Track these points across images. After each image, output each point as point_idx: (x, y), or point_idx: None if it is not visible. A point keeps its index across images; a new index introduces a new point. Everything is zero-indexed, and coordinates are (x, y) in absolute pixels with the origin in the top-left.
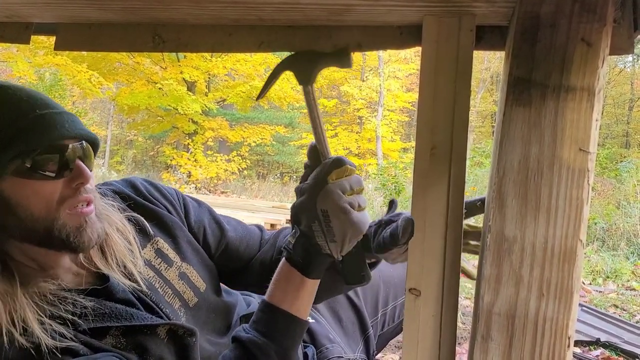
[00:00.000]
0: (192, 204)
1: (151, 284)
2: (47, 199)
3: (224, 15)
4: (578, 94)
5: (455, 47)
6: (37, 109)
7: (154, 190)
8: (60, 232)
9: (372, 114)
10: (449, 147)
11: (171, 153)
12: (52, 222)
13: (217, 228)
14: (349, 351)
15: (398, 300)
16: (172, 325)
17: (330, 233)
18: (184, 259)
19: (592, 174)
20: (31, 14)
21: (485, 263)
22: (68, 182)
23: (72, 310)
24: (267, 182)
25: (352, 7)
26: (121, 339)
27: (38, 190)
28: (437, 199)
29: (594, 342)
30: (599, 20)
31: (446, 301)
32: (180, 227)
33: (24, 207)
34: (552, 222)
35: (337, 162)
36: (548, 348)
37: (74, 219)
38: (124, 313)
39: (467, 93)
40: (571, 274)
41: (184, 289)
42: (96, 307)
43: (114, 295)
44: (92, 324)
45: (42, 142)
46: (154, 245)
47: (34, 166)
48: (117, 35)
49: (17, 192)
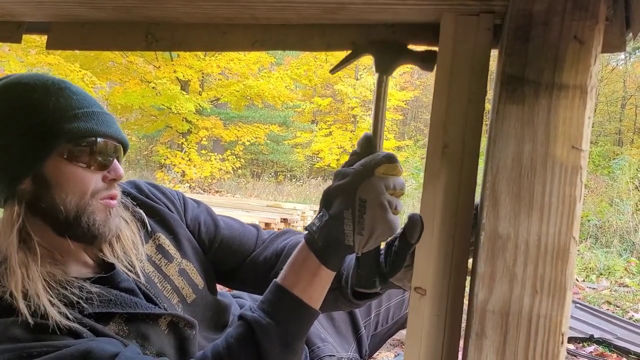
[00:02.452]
0: (191, 203)
1: (150, 278)
2: (83, 186)
3: (218, 14)
4: (571, 92)
5: (473, 46)
6: (93, 106)
7: (155, 191)
8: (87, 220)
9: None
10: (461, 147)
11: (165, 152)
12: (84, 209)
13: (212, 224)
14: (341, 350)
15: (392, 301)
16: (173, 316)
17: (360, 224)
18: (184, 256)
19: (584, 171)
20: (23, 12)
21: (479, 261)
22: (104, 176)
23: (78, 293)
24: (262, 181)
25: (346, 6)
26: (124, 327)
27: (78, 176)
28: (447, 197)
29: (587, 339)
30: (591, 18)
31: (451, 301)
32: (180, 225)
33: (61, 189)
34: (546, 220)
35: (389, 157)
36: (542, 345)
37: (101, 210)
38: (129, 301)
39: (482, 93)
40: (564, 271)
41: (183, 285)
42: (101, 294)
43: (118, 284)
44: (97, 308)
45: (94, 134)
46: (156, 241)
47: (81, 154)
48: (110, 34)
49: (59, 173)
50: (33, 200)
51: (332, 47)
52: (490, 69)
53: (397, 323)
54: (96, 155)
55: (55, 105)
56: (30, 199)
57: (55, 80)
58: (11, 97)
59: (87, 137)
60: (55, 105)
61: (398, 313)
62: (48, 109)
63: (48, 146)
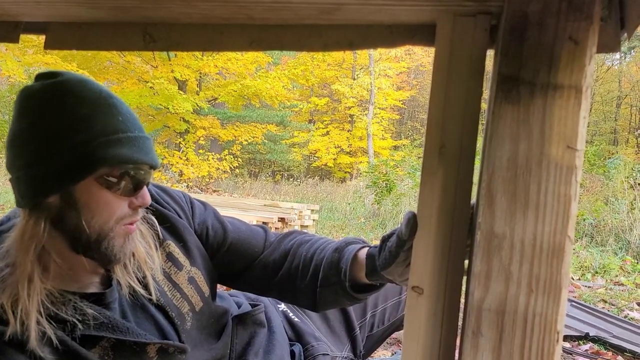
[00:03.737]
0: (199, 206)
1: (161, 287)
2: (111, 211)
3: (215, 14)
4: (566, 92)
5: (470, 47)
6: (135, 130)
7: (165, 195)
8: (107, 244)
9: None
10: (458, 146)
11: (163, 152)
12: (106, 234)
13: (220, 228)
14: (335, 350)
15: (388, 303)
16: (163, 344)
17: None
18: (193, 264)
19: (580, 170)
20: (20, 12)
21: (475, 260)
22: (131, 202)
23: (72, 313)
24: (259, 181)
25: (342, 6)
26: (109, 352)
27: (108, 202)
28: (444, 197)
29: (583, 337)
30: (586, 18)
31: (448, 300)
32: (190, 232)
33: (89, 212)
34: (541, 219)
35: None
36: (537, 343)
37: (121, 235)
38: (121, 326)
39: (479, 93)
40: (560, 269)
41: (192, 293)
42: (96, 315)
43: (109, 304)
44: (87, 331)
45: (132, 162)
46: (165, 249)
47: (116, 181)
48: (108, 34)
49: (90, 196)
50: (58, 216)
51: (329, 48)
52: (486, 69)
53: (394, 325)
54: (128, 182)
55: (102, 126)
56: (55, 215)
57: (104, 92)
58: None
59: (126, 164)
60: (102, 126)
61: (394, 314)
62: (94, 130)
63: (86, 170)
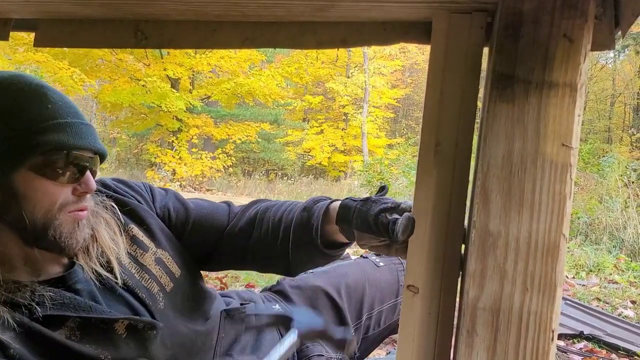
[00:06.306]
0: (160, 192)
1: (128, 269)
2: (52, 199)
3: (208, 11)
4: (560, 90)
5: (465, 44)
6: (69, 116)
7: (122, 185)
8: (54, 232)
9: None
10: (453, 145)
11: (155, 151)
12: (50, 222)
13: (182, 208)
14: (330, 350)
15: (384, 305)
16: (131, 319)
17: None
18: (158, 246)
19: (574, 169)
20: (10, 9)
21: (470, 258)
22: (74, 189)
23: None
24: (253, 179)
25: (336, 3)
26: (76, 331)
27: (47, 190)
28: (440, 195)
29: (577, 335)
30: (580, 16)
31: (444, 299)
32: (151, 215)
33: (29, 201)
34: (536, 217)
35: None
36: (532, 341)
37: (69, 222)
38: (83, 305)
39: (474, 91)
40: (554, 268)
41: (161, 274)
42: (55, 297)
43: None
44: (48, 311)
45: (65, 147)
46: (129, 232)
47: (52, 167)
48: (99, 32)
49: (28, 185)
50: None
51: (323, 45)
52: (482, 67)
53: (389, 328)
54: (66, 168)
55: (33, 115)
56: None
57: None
58: None
59: (58, 150)
60: (33, 115)
61: (390, 317)
62: (23, 120)
63: (18, 159)
